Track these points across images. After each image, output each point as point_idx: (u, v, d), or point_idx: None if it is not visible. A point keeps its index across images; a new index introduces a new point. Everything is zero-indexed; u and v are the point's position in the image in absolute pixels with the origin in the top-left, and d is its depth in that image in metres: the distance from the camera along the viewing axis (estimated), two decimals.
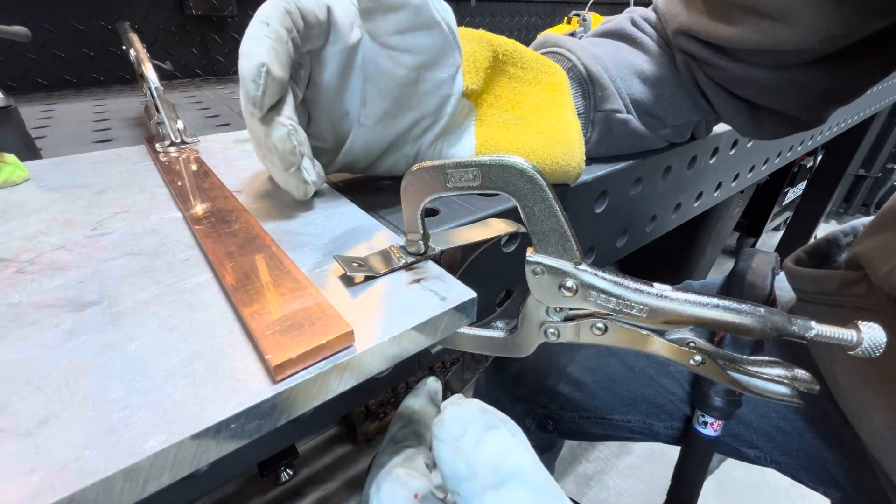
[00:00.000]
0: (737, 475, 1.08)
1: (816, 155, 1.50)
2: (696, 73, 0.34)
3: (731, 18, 0.29)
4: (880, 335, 0.16)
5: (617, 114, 0.34)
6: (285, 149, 0.23)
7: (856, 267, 0.36)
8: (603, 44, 0.36)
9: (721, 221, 1.34)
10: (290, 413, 0.16)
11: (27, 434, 0.13)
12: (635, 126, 0.35)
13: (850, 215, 2.27)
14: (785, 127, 0.35)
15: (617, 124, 0.35)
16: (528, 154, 0.29)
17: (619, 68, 0.35)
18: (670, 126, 0.37)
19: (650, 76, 0.35)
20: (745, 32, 0.29)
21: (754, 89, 0.33)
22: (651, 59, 0.35)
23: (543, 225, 0.18)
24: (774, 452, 0.46)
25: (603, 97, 0.34)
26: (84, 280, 0.20)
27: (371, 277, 0.21)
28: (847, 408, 0.37)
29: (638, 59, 0.35)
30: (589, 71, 0.34)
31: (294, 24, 0.23)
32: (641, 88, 0.35)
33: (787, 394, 0.19)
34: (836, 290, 0.38)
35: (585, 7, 1.12)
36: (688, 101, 0.36)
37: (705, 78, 0.34)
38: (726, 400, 0.45)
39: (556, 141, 0.30)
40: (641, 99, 0.35)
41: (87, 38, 0.70)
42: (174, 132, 0.38)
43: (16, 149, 0.33)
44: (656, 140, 0.37)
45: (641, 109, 0.35)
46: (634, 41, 0.36)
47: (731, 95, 0.34)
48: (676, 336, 0.20)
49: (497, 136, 0.29)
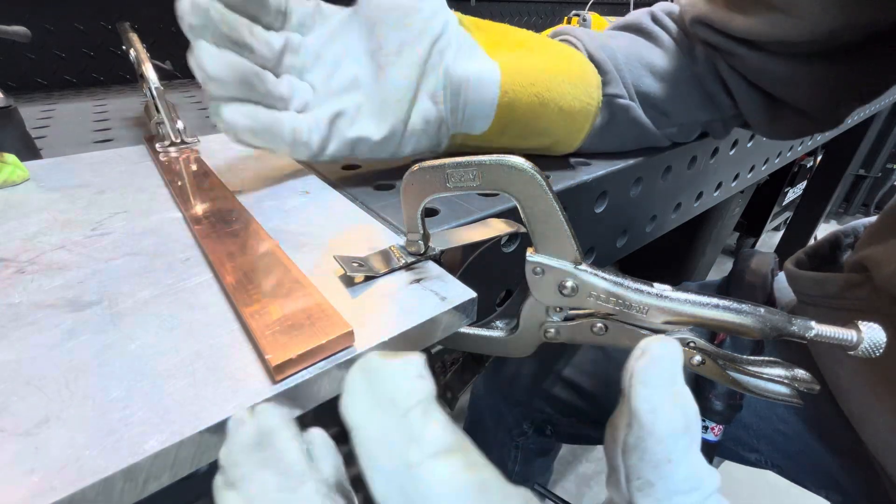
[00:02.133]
0: (737, 475, 1.08)
1: (816, 155, 1.50)
2: (718, 63, 0.34)
3: (745, 9, 0.30)
4: (880, 335, 0.16)
5: (618, 98, 0.34)
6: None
7: (860, 270, 0.36)
8: (618, 36, 0.36)
9: (721, 221, 1.34)
10: (290, 413, 0.16)
11: (27, 434, 0.13)
12: (638, 114, 0.35)
13: (850, 215, 2.27)
14: (801, 124, 0.35)
15: (619, 110, 0.35)
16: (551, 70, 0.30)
17: (629, 60, 0.35)
18: (676, 124, 0.37)
19: (661, 70, 0.35)
20: (757, 23, 0.29)
21: (772, 80, 0.33)
22: (665, 53, 0.35)
23: (543, 225, 0.18)
24: (775, 456, 0.46)
25: (604, 81, 0.34)
26: (84, 280, 0.20)
27: (371, 277, 0.21)
28: (850, 411, 0.37)
29: (651, 53, 0.35)
30: (592, 55, 0.34)
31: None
32: (651, 82, 0.35)
33: (787, 394, 0.19)
34: (838, 293, 0.37)
35: (585, 7, 1.12)
36: (699, 99, 0.36)
37: (727, 68, 0.34)
38: (727, 404, 0.44)
39: (573, 59, 0.32)
40: (649, 92, 0.35)
41: (87, 38, 0.70)
42: (174, 132, 0.38)
43: (16, 149, 0.33)
44: (660, 137, 0.37)
45: (648, 104, 0.35)
46: (650, 35, 0.36)
47: (752, 86, 0.34)
48: (676, 336, 0.20)
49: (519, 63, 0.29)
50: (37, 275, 0.21)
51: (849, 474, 0.42)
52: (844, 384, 0.37)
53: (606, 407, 0.52)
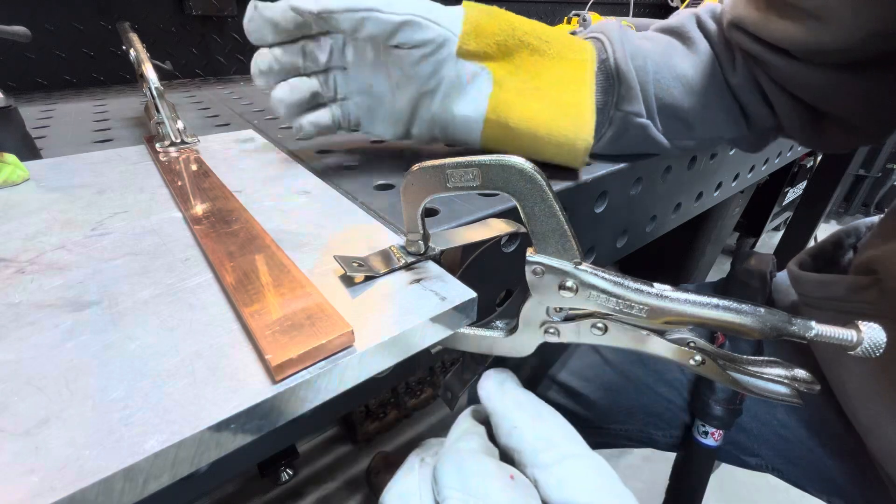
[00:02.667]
0: (737, 475, 1.08)
1: (816, 155, 1.50)
2: (757, 73, 0.33)
3: (781, 12, 0.30)
4: (880, 335, 0.16)
5: (636, 117, 0.34)
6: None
7: (866, 271, 0.35)
8: (655, 39, 0.36)
9: (721, 221, 1.34)
10: (290, 413, 0.16)
11: (27, 434, 0.13)
12: (653, 132, 0.35)
13: (850, 215, 2.27)
14: (848, 138, 0.34)
15: (634, 127, 0.34)
16: (538, 122, 0.31)
17: (659, 68, 0.34)
18: (697, 138, 0.37)
19: (693, 82, 0.34)
20: (791, 29, 0.29)
21: (811, 91, 0.32)
22: (700, 62, 0.34)
23: (543, 225, 0.18)
24: (776, 460, 0.46)
25: (626, 97, 0.33)
26: (84, 280, 0.20)
27: (371, 277, 0.21)
28: (856, 419, 0.36)
29: (685, 62, 0.34)
30: (618, 67, 0.33)
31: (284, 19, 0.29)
32: (679, 94, 0.34)
33: (787, 394, 0.19)
34: (844, 296, 0.36)
35: (585, 7, 1.12)
36: (728, 114, 0.36)
37: (767, 79, 0.33)
38: (726, 409, 0.44)
39: (567, 114, 0.31)
40: (676, 104, 0.34)
41: (87, 38, 0.70)
42: (174, 132, 0.38)
43: (16, 149, 0.33)
44: (672, 150, 0.37)
45: (673, 115, 0.35)
46: (689, 40, 0.35)
47: (791, 97, 0.33)
48: (676, 336, 0.20)
49: (511, 102, 0.31)
50: (37, 275, 0.21)
51: (849, 478, 0.41)
52: (851, 392, 0.36)
53: (605, 412, 0.52)
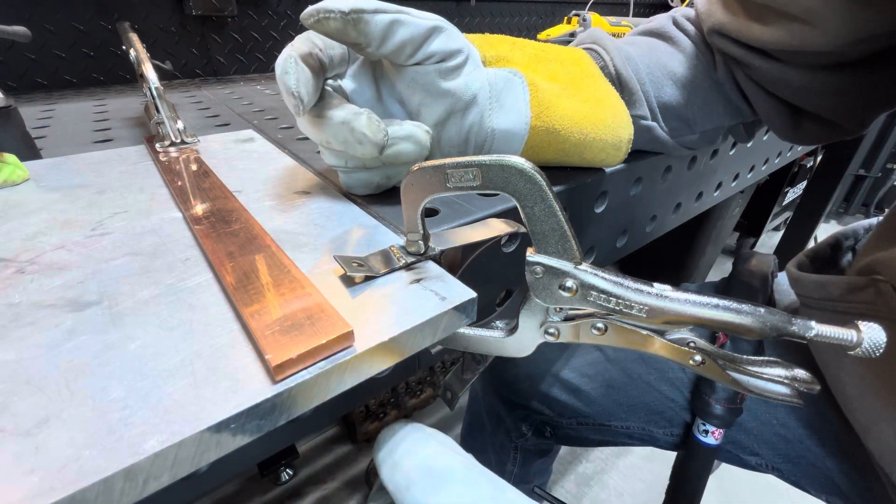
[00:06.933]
0: (737, 474, 1.08)
1: (816, 155, 1.50)
2: (736, 72, 0.34)
3: (763, 19, 0.30)
4: (880, 335, 0.16)
5: (641, 120, 0.34)
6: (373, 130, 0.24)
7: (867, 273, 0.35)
8: (637, 43, 0.36)
9: (721, 221, 1.34)
10: (290, 413, 0.16)
11: (27, 434, 0.13)
12: (658, 134, 0.35)
13: (850, 215, 2.27)
14: (825, 132, 0.35)
15: (640, 130, 0.34)
16: (580, 120, 0.30)
17: (650, 70, 0.34)
18: (698, 132, 0.37)
19: (683, 78, 0.34)
20: (776, 33, 0.29)
21: (791, 90, 0.32)
22: (686, 59, 0.35)
23: (543, 225, 0.18)
24: (776, 460, 0.46)
25: (629, 102, 0.34)
26: (84, 280, 0.20)
27: (371, 277, 0.21)
28: (855, 418, 0.36)
29: (672, 61, 0.35)
30: (619, 73, 0.34)
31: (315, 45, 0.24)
32: (672, 91, 0.34)
33: (787, 393, 0.19)
34: (842, 297, 0.36)
35: (585, 7, 1.12)
36: (721, 105, 0.36)
37: (745, 78, 0.33)
38: (727, 408, 0.44)
39: (603, 106, 0.31)
40: (671, 102, 0.35)
41: (87, 38, 0.70)
42: (174, 132, 0.38)
43: (16, 149, 0.33)
44: (677, 148, 0.37)
45: (670, 114, 0.35)
46: (670, 39, 0.36)
47: (771, 96, 0.34)
48: (676, 336, 0.20)
49: (552, 103, 0.29)
50: (37, 275, 0.21)
51: (849, 478, 0.41)
52: (850, 392, 0.36)
53: (606, 409, 0.52)
